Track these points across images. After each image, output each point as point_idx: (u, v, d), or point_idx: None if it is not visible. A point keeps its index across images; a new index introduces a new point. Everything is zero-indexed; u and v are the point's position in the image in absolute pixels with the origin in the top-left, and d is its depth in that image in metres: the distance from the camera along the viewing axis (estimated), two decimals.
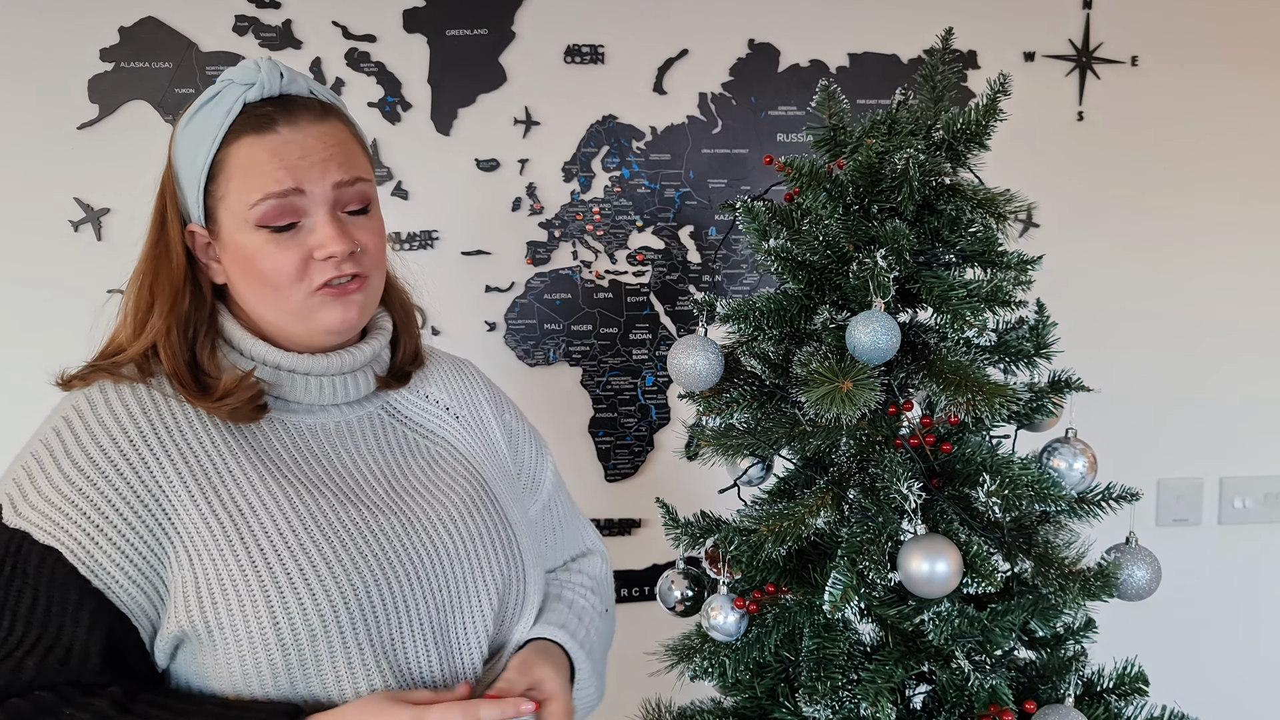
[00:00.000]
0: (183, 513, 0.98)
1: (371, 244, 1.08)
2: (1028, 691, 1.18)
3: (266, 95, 1.03)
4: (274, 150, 1.01)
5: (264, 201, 1.01)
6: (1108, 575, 1.11)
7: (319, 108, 1.06)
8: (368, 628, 1.00)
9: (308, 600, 0.97)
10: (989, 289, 1.10)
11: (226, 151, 1.02)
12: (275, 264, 1.02)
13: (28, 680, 0.91)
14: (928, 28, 1.55)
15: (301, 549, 0.99)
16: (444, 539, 1.09)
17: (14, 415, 1.87)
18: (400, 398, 1.19)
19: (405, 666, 1.03)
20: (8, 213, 1.86)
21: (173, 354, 1.03)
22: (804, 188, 1.17)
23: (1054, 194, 2.02)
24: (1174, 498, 2.16)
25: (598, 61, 1.95)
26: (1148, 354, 2.13)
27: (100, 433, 0.98)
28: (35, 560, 0.94)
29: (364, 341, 1.14)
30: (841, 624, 1.17)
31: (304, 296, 1.04)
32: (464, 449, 1.20)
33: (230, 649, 0.97)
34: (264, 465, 1.03)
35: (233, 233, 1.03)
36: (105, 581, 0.94)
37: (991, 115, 1.13)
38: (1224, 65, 2.07)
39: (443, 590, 1.07)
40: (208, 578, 0.97)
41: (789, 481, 1.23)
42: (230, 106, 1.02)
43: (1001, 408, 1.05)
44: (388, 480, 1.11)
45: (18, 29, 1.83)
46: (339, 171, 1.04)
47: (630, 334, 2.00)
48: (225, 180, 1.02)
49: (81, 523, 0.94)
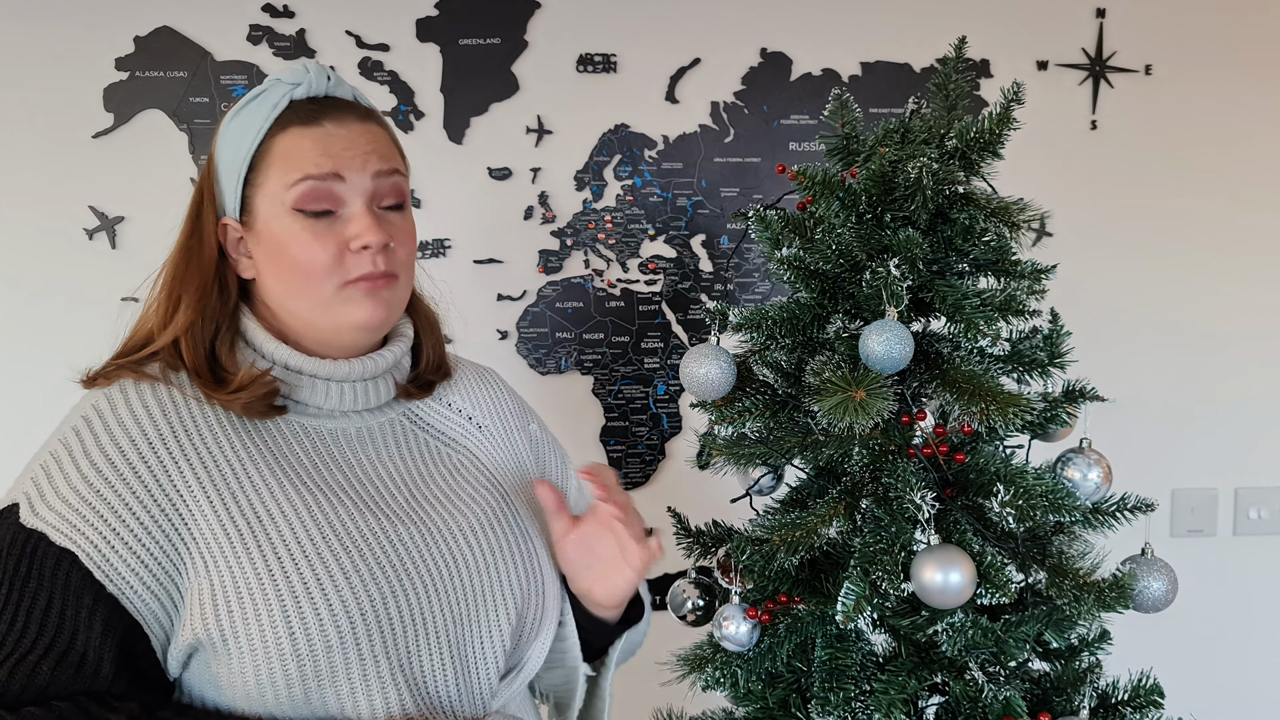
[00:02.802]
0: (200, 519, 0.96)
1: (404, 243, 1.08)
2: (1042, 704, 1.17)
3: (313, 94, 1.05)
4: (318, 140, 1.03)
5: (303, 182, 1.02)
6: (1123, 586, 1.11)
7: (362, 111, 1.08)
8: (384, 639, 0.98)
9: (324, 610, 0.96)
10: (1002, 298, 1.10)
11: (271, 141, 1.03)
12: (310, 253, 1.02)
13: (42, 686, 0.90)
14: (940, 37, 1.56)
15: (319, 557, 0.98)
16: (464, 550, 1.08)
17: (28, 422, 1.89)
18: (423, 405, 1.18)
19: (421, 680, 1.01)
20: (23, 221, 1.87)
21: (194, 346, 1.03)
22: (817, 196, 1.17)
23: (1067, 203, 2.01)
24: (1189, 508, 2.14)
25: (610, 70, 1.95)
26: (1162, 363, 2.11)
27: (120, 434, 0.97)
28: (51, 562, 0.92)
29: (384, 348, 1.13)
30: (854, 634, 1.16)
31: (335, 289, 1.04)
32: (486, 459, 1.20)
33: (245, 659, 0.95)
34: (282, 471, 1.02)
35: (269, 220, 1.04)
36: (120, 587, 0.93)
37: (1005, 124, 1.13)
38: (1238, 73, 2.06)
39: (461, 603, 1.05)
40: (224, 585, 0.95)
41: (801, 491, 1.23)
42: (278, 101, 1.04)
43: (1015, 417, 1.04)
44: (408, 488, 1.09)
45: (34, 38, 1.84)
46: (379, 162, 1.05)
47: (642, 343, 2.00)
48: (266, 168, 1.04)
49: (99, 525, 0.93)
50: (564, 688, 1.23)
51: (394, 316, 1.10)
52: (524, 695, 1.20)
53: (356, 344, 1.09)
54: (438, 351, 1.22)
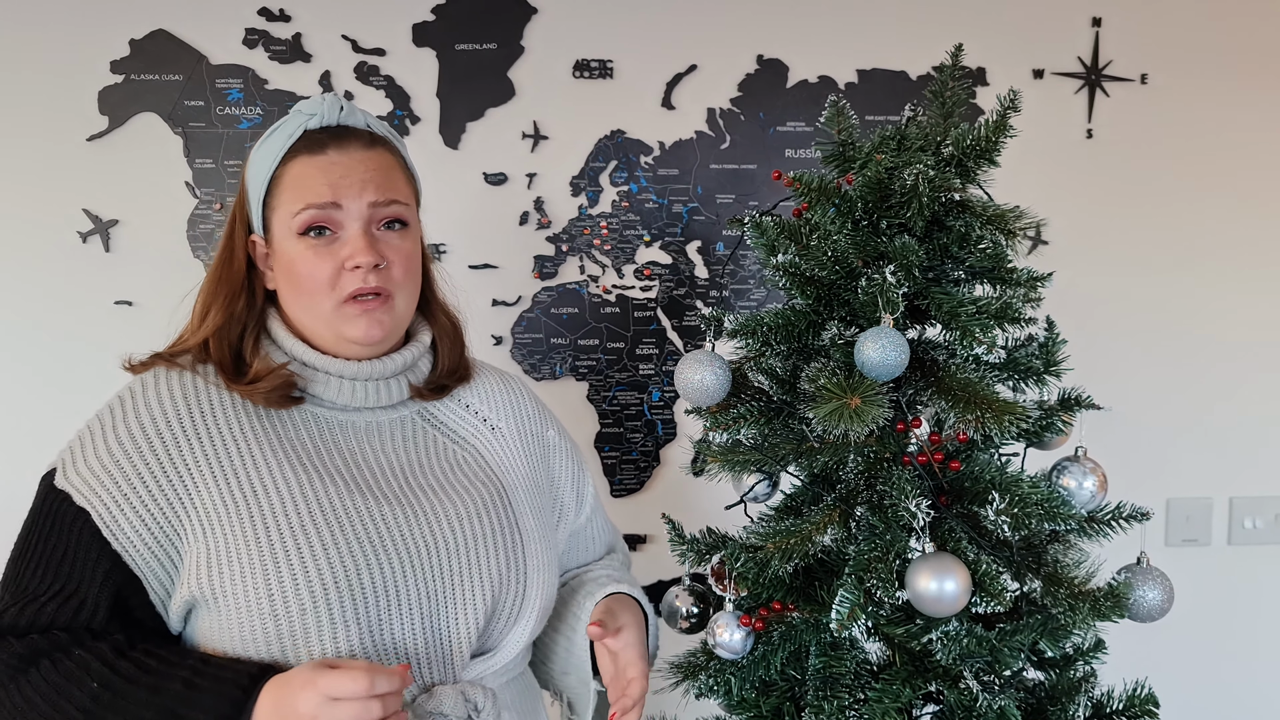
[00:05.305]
0: (203, 490, 1.09)
1: (400, 262, 1.16)
2: (1037, 713, 1.17)
3: (325, 124, 1.16)
4: (321, 169, 1.14)
5: (305, 210, 1.13)
6: (1118, 595, 1.10)
7: (369, 138, 1.18)
8: (355, 607, 1.08)
9: (300, 575, 1.06)
10: (998, 306, 1.10)
11: (284, 168, 1.15)
12: (311, 270, 1.13)
13: (46, 623, 1.05)
14: (936, 44, 1.55)
15: (302, 529, 1.08)
16: (445, 533, 1.15)
17: (22, 424, 1.88)
18: (438, 404, 1.26)
19: (391, 648, 1.10)
20: (17, 223, 1.86)
21: (220, 344, 1.16)
22: (812, 203, 1.17)
23: (1063, 211, 2.01)
24: (1183, 517, 2.14)
25: (606, 76, 1.95)
26: (1157, 372, 2.11)
27: (144, 414, 1.11)
28: (69, 519, 1.07)
29: (398, 351, 1.21)
30: (848, 642, 1.16)
31: (334, 305, 1.14)
32: (491, 458, 1.26)
33: (230, 615, 1.07)
34: (284, 452, 1.13)
35: (280, 239, 1.16)
36: (123, 544, 1.06)
37: (1001, 131, 1.13)
38: (1233, 83, 2.07)
39: (435, 581, 1.13)
40: (217, 549, 1.07)
41: (796, 498, 1.23)
42: (293, 131, 1.16)
43: (1011, 425, 1.04)
44: (403, 475, 1.18)
45: (29, 41, 1.84)
46: (375, 193, 1.14)
47: (637, 349, 2.00)
48: (280, 193, 1.15)
49: (112, 490, 1.07)
50: (578, 690, 1.31)
51: (393, 333, 1.19)
52: (525, 687, 1.27)
53: (361, 353, 1.18)
54: (455, 357, 1.28)
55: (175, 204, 1.89)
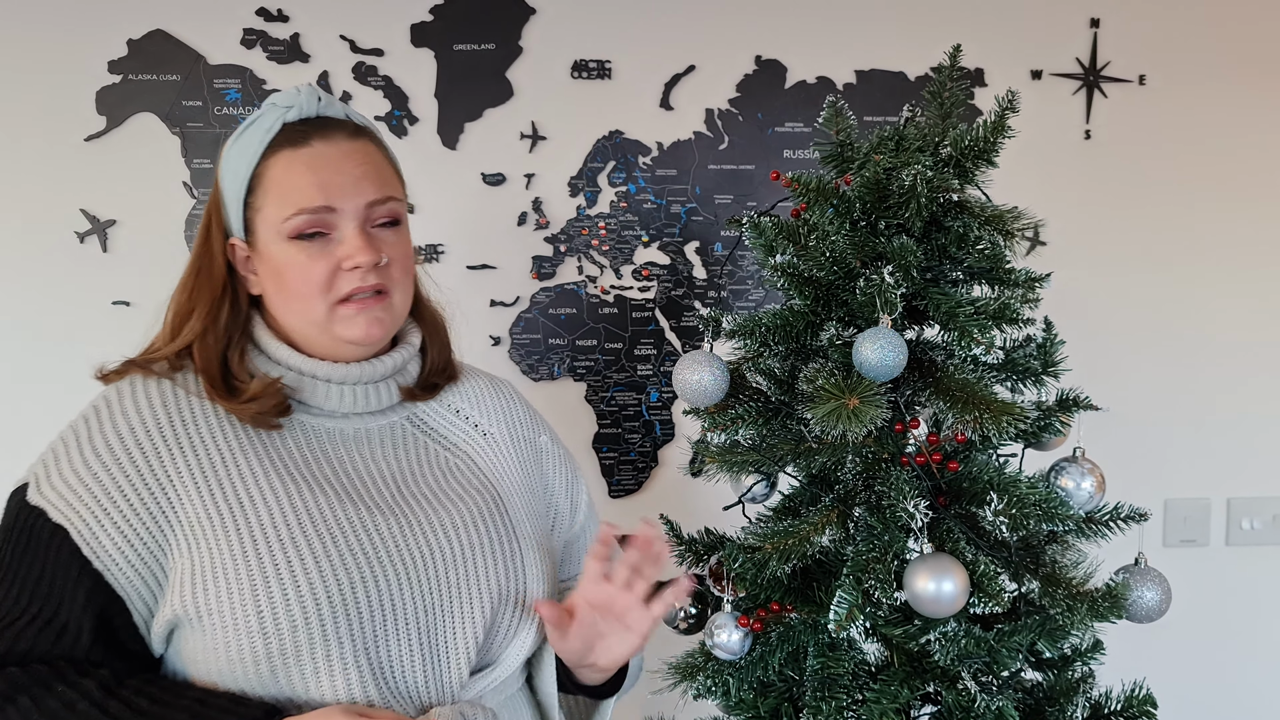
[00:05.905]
0: (187, 503, 1.02)
1: (398, 258, 1.12)
2: (1035, 714, 1.17)
3: (304, 116, 1.10)
4: (308, 164, 1.07)
5: (297, 216, 1.06)
6: (1116, 596, 1.10)
7: (352, 128, 1.12)
8: (349, 623, 1.02)
9: (290, 590, 1.00)
10: (996, 306, 1.10)
11: (264, 165, 1.08)
12: (304, 274, 1.07)
13: (24, 650, 0.98)
14: (935, 45, 1.55)
15: (292, 541, 1.02)
16: (441, 543, 1.10)
17: (19, 424, 1.88)
18: (427, 409, 1.21)
19: (388, 666, 1.04)
20: (14, 224, 1.86)
21: (205, 355, 1.09)
22: (811, 203, 1.17)
23: (1061, 212, 2.01)
24: (1181, 518, 2.14)
25: (605, 77, 1.95)
26: (1155, 373, 2.11)
27: (121, 424, 1.04)
28: (45, 537, 1.00)
29: (389, 353, 1.16)
30: (846, 643, 1.16)
31: (329, 308, 1.08)
32: (484, 464, 1.21)
33: (217, 634, 1.00)
34: (271, 461, 1.07)
35: (268, 243, 1.09)
36: (105, 563, 0.99)
37: (1000, 132, 1.13)
38: (1231, 84, 2.07)
39: (432, 593, 1.07)
40: (203, 564, 1.00)
41: (794, 499, 1.23)
42: (270, 125, 1.09)
43: (1009, 426, 1.04)
44: (395, 484, 1.13)
45: (26, 40, 1.83)
46: (372, 190, 1.09)
47: (635, 349, 2.00)
48: (263, 193, 1.08)
49: (91, 505, 1.00)
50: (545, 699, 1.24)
51: (389, 332, 1.14)
52: (520, 700, 1.20)
53: (356, 356, 1.14)
54: (443, 355, 1.25)
55: (173, 204, 1.88)
